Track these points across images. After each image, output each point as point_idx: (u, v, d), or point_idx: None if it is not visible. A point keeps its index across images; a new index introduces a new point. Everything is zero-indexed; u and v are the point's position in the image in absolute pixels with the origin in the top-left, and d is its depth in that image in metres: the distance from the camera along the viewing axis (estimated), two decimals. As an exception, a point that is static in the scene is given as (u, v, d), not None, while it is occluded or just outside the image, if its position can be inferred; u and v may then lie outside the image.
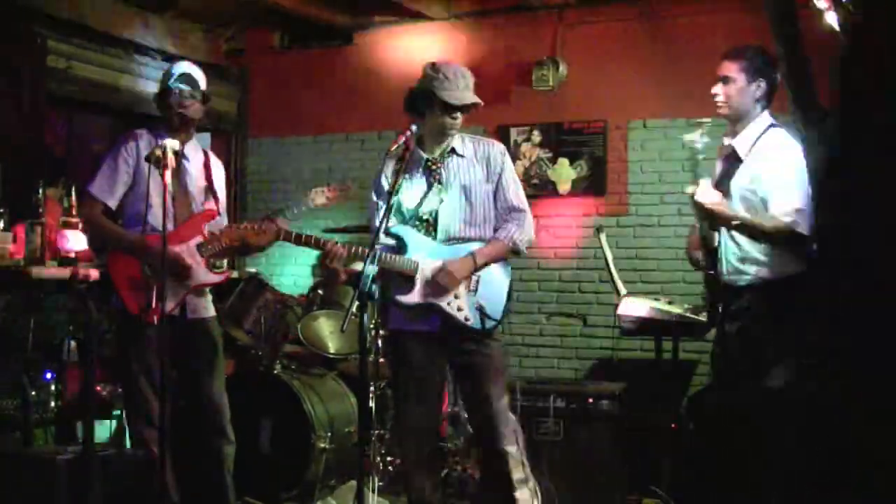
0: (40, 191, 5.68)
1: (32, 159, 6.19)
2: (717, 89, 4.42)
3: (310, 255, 7.87)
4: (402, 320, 4.36)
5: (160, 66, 6.84)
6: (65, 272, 5.33)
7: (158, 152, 4.03)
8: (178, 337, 4.45)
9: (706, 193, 4.26)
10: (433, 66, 4.32)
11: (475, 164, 4.34)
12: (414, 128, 4.16)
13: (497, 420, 4.28)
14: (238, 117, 8.22)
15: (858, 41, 3.71)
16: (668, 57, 6.77)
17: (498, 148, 4.43)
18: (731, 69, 4.38)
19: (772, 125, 4.37)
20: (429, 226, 4.31)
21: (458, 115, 4.27)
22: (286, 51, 8.12)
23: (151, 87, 4.72)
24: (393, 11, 7.44)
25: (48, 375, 5.59)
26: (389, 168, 4.35)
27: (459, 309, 4.20)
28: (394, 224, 4.28)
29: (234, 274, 6.11)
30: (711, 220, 4.34)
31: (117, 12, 6.91)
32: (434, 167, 4.34)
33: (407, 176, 4.28)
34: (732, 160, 4.43)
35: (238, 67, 8.18)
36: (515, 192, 4.39)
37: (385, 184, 4.34)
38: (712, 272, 4.45)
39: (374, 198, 4.40)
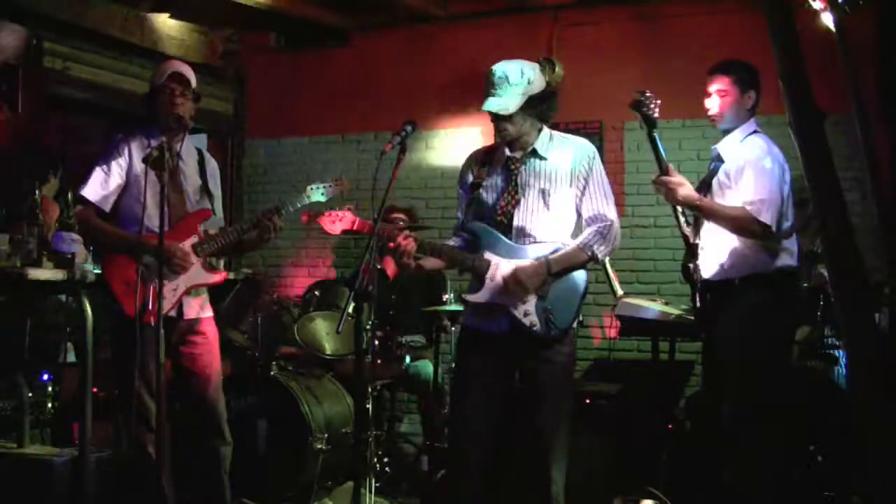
0: (37, 192, 5.67)
1: (29, 160, 6.18)
2: (712, 103, 4.53)
3: (309, 256, 7.87)
4: (473, 318, 4.23)
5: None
6: (61, 273, 5.32)
7: (156, 153, 4.02)
8: (175, 338, 4.44)
9: (674, 177, 4.41)
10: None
11: (560, 166, 4.14)
12: (409, 128, 4.12)
13: (547, 435, 4.10)
14: (235, 118, 8.23)
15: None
16: (664, 58, 6.78)
17: (586, 150, 4.18)
18: (724, 83, 4.54)
19: (754, 131, 4.55)
20: (503, 225, 4.13)
21: (496, 121, 4.11)
22: (283, 52, 8.12)
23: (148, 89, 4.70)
24: (389, 12, 7.43)
25: (45, 377, 5.58)
26: (476, 161, 4.29)
27: (526, 314, 4.03)
28: (471, 220, 4.21)
29: (232, 275, 6.11)
30: (675, 201, 4.45)
31: (114, 13, 6.91)
32: (514, 167, 4.17)
33: (491, 172, 4.21)
34: (717, 161, 4.60)
35: (235, 69, 8.18)
36: (601, 200, 4.15)
37: (469, 176, 4.26)
38: (692, 265, 4.53)
39: (459, 190, 4.32)
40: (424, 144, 7.43)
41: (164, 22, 7.35)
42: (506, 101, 4.04)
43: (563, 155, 4.16)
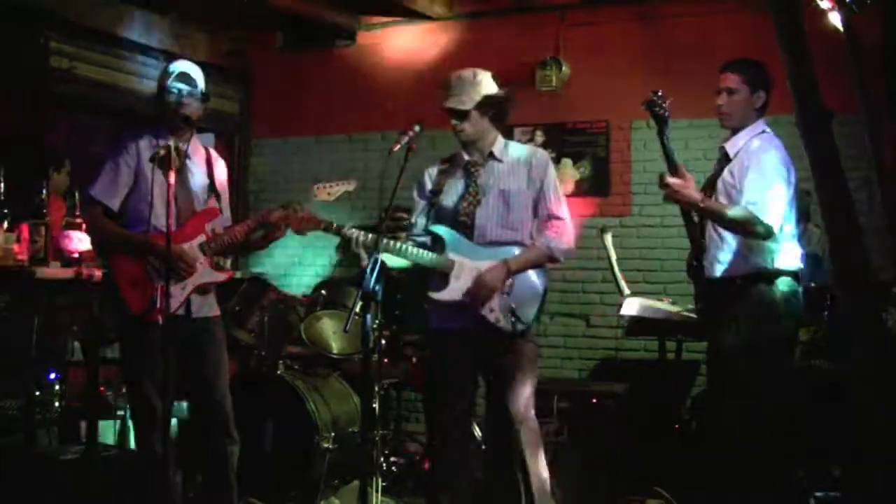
0: (43, 191, 5.69)
1: (35, 159, 6.19)
2: (722, 101, 4.52)
3: (315, 255, 7.88)
4: (438, 318, 4.39)
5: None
6: (69, 272, 5.33)
7: (163, 152, 4.02)
8: (183, 336, 4.44)
9: (680, 178, 4.38)
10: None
11: (517, 169, 4.37)
12: (417, 128, 4.16)
13: (516, 425, 4.27)
14: (241, 118, 8.23)
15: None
16: (670, 57, 6.77)
17: (541, 156, 4.45)
18: (734, 81, 4.52)
19: (762, 131, 4.53)
20: (465, 227, 4.34)
21: (455, 120, 4.34)
22: (289, 51, 8.12)
23: (155, 88, 4.70)
24: (396, 12, 7.44)
25: (52, 376, 5.59)
26: (435, 169, 4.49)
27: (491, 310, 4.22)
28: (434, 224, 4.36)
29: (238, 274, 6.12)
30: (678, 201, 4.43)
31: (121, 13, 6.92)
32: (473, 170, 4.40)
33: (450, 177, 4.42)
34: (723, 160, 4.58)
35: (241, 68, 8.18)
36: (555, 202, 4.39)
37: (428, 183, 4.46)
38: (696, 264, 4.53)
39: (416, 197, 4.49)
40: (431, 144, 7.43)
41: (171, 21, 7.36)
42: (462, 98, 4.30)
43: (518, 159, 4.41)
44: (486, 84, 4.36)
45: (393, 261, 4.28)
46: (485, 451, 4.72)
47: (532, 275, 4.32)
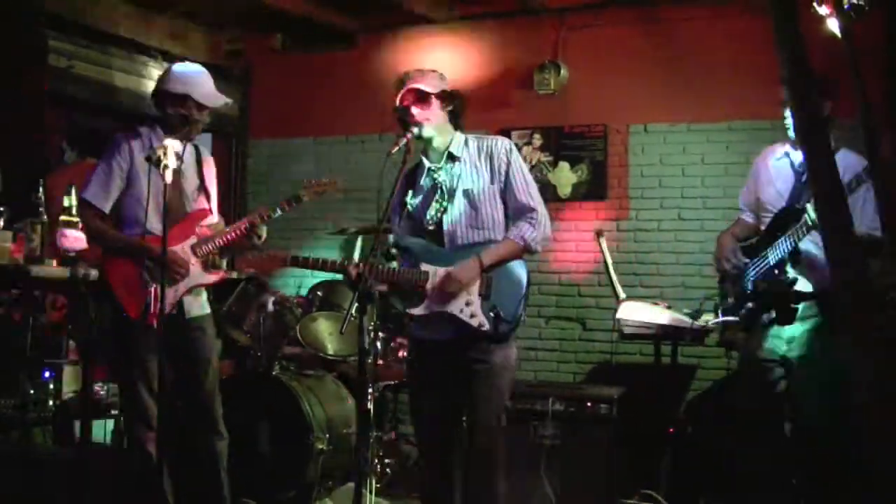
0: (40, 189, 5.68)
1: (33, 158, 6.19)
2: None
3: (311, 255, 7.85)
4: (418, 330, 4.27)
5: (161, 67, 6.86)
6: (64, 271, 5.32)
7: (160, 153, 4.02)
8: (175, 336, 4.44)
9: None
10: None
11: (478, 165, 4.19)
12: (415, 130, 4.12)
13: (477, 433, 4.10)
14: (239, 118, 8.22)
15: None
16: (669, 61, 6.77)
17: (503, 144, 4.22)
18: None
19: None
20: (435, 235, 4.17)
21: (416, 108, 4.15)
22: (288, 52, 8.12)
23: (153, 87, 4.70)
24: (395, 14, 7.44)
25: (46, 374, 5.58)
26: (402, 180, 4.30)
27: (472, 315, 4.05)
28: (405, 237, 4.23)
29: (234, 275, 6.11)
30: None
31: (119, 12, 6.92)
32: (436, 175, 4.22)
33: (415, 186, 4.27)
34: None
35: (239, 69, 8.18)
36: (525, 190, 4.17)
37: (398, 196, 4.28)
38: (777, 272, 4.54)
39: (392, 214, 4.31)
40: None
41: (170, 21, 7.36)
42: (425, 82, 4.16)
43: (480, 153, 4.23)
44: (444, 78, 4.26)
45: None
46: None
47: (511, 273, 4.12)
